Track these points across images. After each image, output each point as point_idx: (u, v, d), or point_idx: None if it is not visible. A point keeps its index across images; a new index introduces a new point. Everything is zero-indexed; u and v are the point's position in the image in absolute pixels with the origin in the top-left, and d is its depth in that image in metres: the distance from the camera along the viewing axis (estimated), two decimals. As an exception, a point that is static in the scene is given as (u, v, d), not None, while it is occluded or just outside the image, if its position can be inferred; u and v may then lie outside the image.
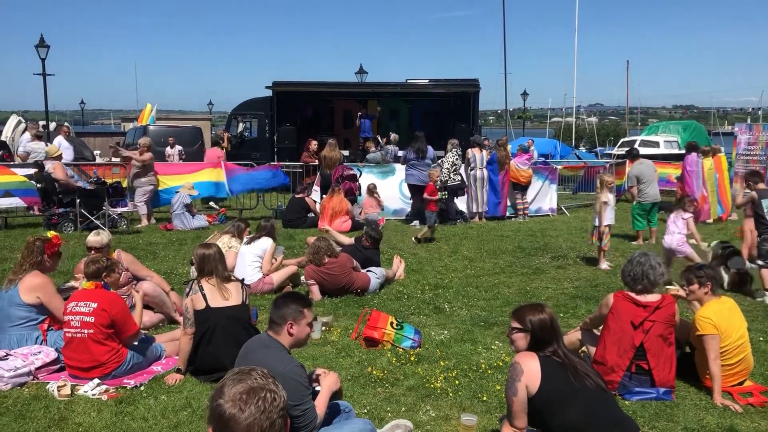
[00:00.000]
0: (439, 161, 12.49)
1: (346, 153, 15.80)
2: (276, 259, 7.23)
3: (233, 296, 4.58)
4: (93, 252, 5.44)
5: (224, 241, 7.16)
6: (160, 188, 11.82)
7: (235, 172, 12.52)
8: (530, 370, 3.04)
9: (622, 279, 4.54)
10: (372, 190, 12.18)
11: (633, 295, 4.37)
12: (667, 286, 4.65)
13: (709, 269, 4.66)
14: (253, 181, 12.63)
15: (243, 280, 5.27)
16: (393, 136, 15.91)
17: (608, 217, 8.44)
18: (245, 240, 7.14)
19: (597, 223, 8.46)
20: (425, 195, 10.62)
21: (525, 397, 3.03)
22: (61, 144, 14.39)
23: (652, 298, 4.34)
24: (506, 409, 3.14)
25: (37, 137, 13.21)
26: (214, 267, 4.64)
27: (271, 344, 3.33)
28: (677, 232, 7.49)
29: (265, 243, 7.00)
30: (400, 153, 14.62)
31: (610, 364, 4.27)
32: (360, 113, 18.13)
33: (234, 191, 12.40)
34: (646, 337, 4.24)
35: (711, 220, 12.49)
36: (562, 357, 3.12)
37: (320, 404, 3.33)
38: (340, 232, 10.33)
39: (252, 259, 6.87)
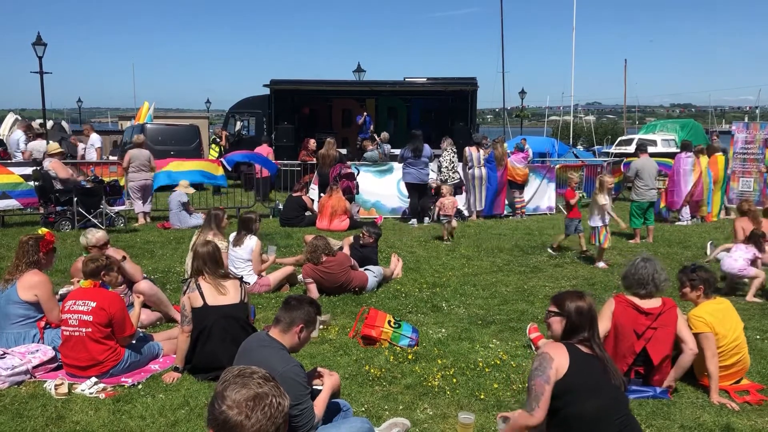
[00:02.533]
0: (438, 160, 12.49)
1: (344, 151, 15.77)
2: (268, 258, 7.20)
3: (231, 294, 4.57)
4: (91, 250, 5.43)
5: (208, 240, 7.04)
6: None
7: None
8: (559, 358, 3.02)
9: (625, 283, 4.43)
10: (445, 192, 10.72)
11: (635, 300, 4.29)
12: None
13: (703, 271, 4.58)
14: (250, 156, 13.34)
15: (242, 278, 5.25)
16: (383, 134, 15.86)
17: (596, 220, 8.27)
18: (232, 240, 6.91)
19: (594, 224, 8.36)
20: (569, 201, 9.21)
21: (553, 385, 2.99)
22: (95, 141, 15.04)
23: (654, 303, 4.28)
24: (527, 398, 3.07)
25: (39, 135, 13.36)
26: (203, 265, 4.62)
27: (270, 343, 3.33)
28: (742, 258, 6.93)
29: (251, 242, 6.83)
30: (396, 151, 14.61)
31: None
32: (365, 113, 18.08)
33: (231, 162, 12.92)
34: (648, 344, 4.20)
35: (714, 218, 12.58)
36: (594, 348, 3.11)
37: (320, 403, 3.33)
38: (338, 231, 10.35)
39: (243, 265, 6.76)
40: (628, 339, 4.23)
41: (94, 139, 15.49)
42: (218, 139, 19.16)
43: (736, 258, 7.01)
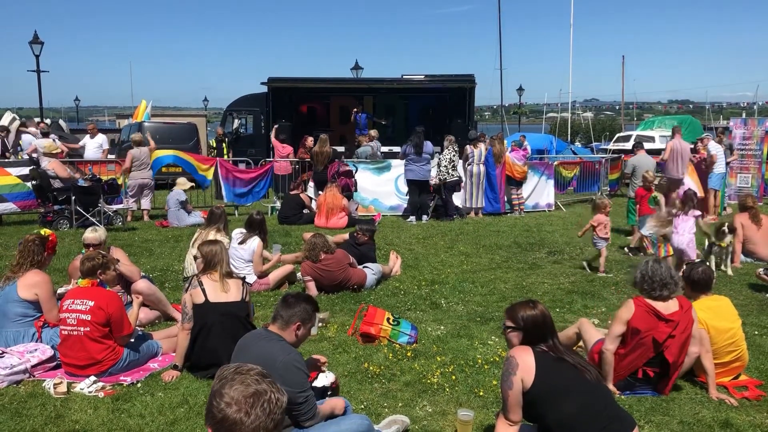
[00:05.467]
0: (438, 157, 12.47)
1: (341, 149, 15.68)
2: (273, 257, 7.19)
3: (233, 292, 4.57)
4: (90, 249, 5.42)
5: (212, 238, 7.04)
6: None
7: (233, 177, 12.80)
8: (525, 364, 3.04)
9: (644, 287, 4.21)
10: (606, 206, 8.11)
11: (655, 305, 4.12)
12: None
13: (691, 268, 4.61)
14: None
15: (245, 278, 5.26)
16: (372, 132, 15.81)
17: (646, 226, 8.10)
18: (237, 239, 6.91)
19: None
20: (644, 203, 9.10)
21: (520, 391, 3.04)
22: (103, 143, 14.85)
23: (673, 307, 4.12)
24: (501, 402, 3.16)
25: (44, 134, 13.48)
26: (220, 260, 4.65)
27: (269, 336, 3.37)
28: (687, 232, 7.06)
29: (253, 244, 6.81)
30: (395, 149, 14.58)
31: (617, 366, 4.17)
32: (355, 110, 18.02)
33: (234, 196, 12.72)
34: (666, 350, 4.10)
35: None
36: (557, 352, 3.12)
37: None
38: (336, 229, 10.34)
39: (243, 265, 6.75)
40: (646, 345, 4.09)
41: (101, 139, 15.02)
42: (214, 143, 19.01)
43: (681, 232, 7.11)
